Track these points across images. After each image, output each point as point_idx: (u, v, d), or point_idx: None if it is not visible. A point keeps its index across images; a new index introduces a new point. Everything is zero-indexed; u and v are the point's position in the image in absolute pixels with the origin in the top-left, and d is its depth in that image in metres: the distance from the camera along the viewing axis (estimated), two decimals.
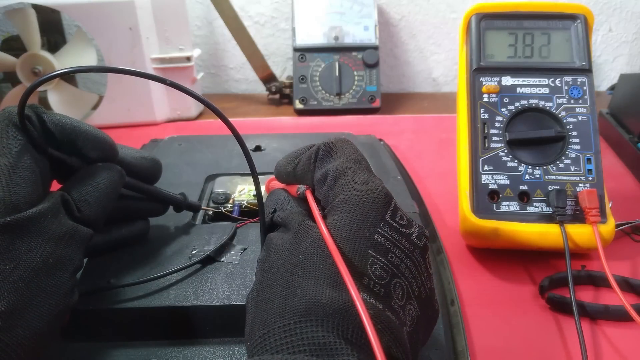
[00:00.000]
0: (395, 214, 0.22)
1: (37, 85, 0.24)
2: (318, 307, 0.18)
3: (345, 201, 0.22)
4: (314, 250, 0.21)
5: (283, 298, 0.19)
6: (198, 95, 0.25)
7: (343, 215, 0.22)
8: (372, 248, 0.21)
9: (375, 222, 0.21)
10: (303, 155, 0.26)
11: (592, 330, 0.33)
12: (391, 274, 0.21)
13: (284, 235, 0.23)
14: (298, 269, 0.20)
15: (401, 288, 0.21)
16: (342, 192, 0.22)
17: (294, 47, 0.77)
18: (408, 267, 0.22)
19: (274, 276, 0.21)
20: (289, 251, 0.22)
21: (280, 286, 0.20)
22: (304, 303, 0.19)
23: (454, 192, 0.42)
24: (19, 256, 0.22)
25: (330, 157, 0.25)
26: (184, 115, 0.75)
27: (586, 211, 0.37)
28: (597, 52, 0.91)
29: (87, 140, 0.27)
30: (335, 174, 0.23)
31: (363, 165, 0.24)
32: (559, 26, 0.43)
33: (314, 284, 0.19)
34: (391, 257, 0.21)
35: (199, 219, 0.38)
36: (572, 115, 0.40)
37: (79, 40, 0.70)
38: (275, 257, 0.22)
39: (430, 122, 0.72)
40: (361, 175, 0.23)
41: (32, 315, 0.22)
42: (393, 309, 0.20)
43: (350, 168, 0.23)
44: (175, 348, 0.28)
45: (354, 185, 0.22)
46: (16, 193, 0.23)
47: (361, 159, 0.24)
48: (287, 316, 0.19)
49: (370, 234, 0.21)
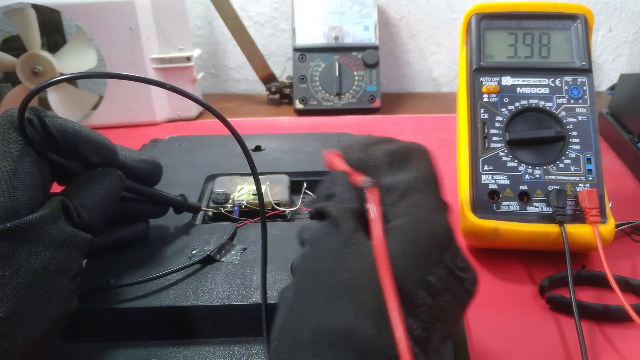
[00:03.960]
0: (455, 255, 0.21)
1: (39, 90, 0.24)
2: (355, 340, 0.18)
3: (405, 227, 0.21)
4: (363, 275, 0.20)
5: (320, 314, 0.19)
6: (199, 99, 0.25)
7: (400, 245, 0.20)
8: (424, 289, 0.19)
9: (432, 261, 0.20)
10: (379, 147, 0.24)
11: (592, 331, 0.33)
12: (436, 319, 0.20)
13: (333, 238, 0.22)
14: (343, 289, 0.19)
15: (441, 332, 0.20)
16: (405, 216, 0.21)
17: (294, 47, 0.77)
18: (454, 312, 0.20)
19: (315, 286, 0.20)
20: (336, 262, 0.21)
21: (319, 300, 0.19)
22: (341, 330, 0.18)
23: (454, 192, 0.42)
24: (19, 262, 0.22)
25: (404, 166, 0.23)
26: (184, 115, 0.75)
27: (586, 211, 0.37)
28: (597, 52, 0.91)
29: (88, 145, 0.27)
30: (403, 192, 0.22)
31: (434, 190, 0.22)
32: (559, 26, 0.43)
33: (357, 312, 0.19)
34: (440, 301, 0.20)
35: (199, 219, 0.38)
36: (572, 115, 0.40)
37: (79, 40, 0.70)
38: (321, 262, 0.21)
39: (430, 122, 0.72)
40: (429, 202, 0.21)
41: (31, 321, 0.22)
42: (427, 353, 0.19)
43: (420, 190, 0.22)
44: (175, 348, 0.28)
45: (418, 212, 0.21)
46: (16, 198, 0.23)
47: (434, 181, 0.23)
48: (320, 336, 0.18)
49: (425, 273, 0.20)
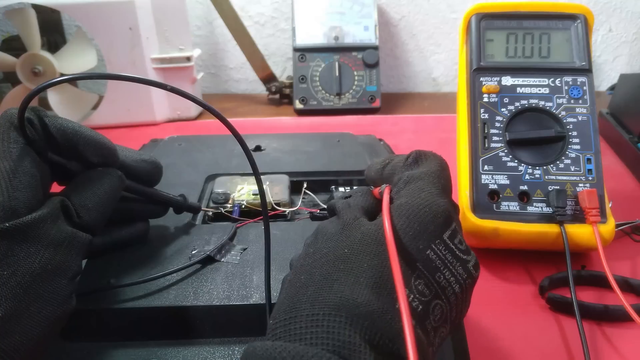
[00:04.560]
0: (454, 235, 0.22)
1: (40, 90, 0.24)
2: (351, 306, 0.18)
3: (406, 205, 0.22)
4: (362, 247, 0.21)
5: (318, 287, 0.19)
6: (199, 100, 0.25)
7: (400, 219, 0.21)
8: (422, 262, 0.20)
9: (431, 237, 0.21)
10: (396, 158, 0.26)
11: (591, 330, 0.33)
12: (434, 294, 0.20)
13: (335, 225, 0.23)
14: (340, 262, 0.20)
15: (440, 310, 0.20)
16: (407, 196, 0.22)
17: (294, 47, 0.77)
18: (455, 292, 0.21)
19: (316, 262, 0.21)
20: (336, 241, 0.22)
21: (319, 274, 0.20)
22: (338, 297, 0.18)
23: (454, 192, 0.42)
24: (18, 262, 0.22)
25: (416, 164, 0.25)
26: (184, 115, 0.75)
27: (586, 211, 0.37)
28: (597, 52, 0.91)
29: (88, 145, 0.27)
30: (409, 179, 0.23)
31: (439, 182, 0.23)
32: (559, 26, 0.43)
33: (353, 281, 0.19)
34: (439, 277, 0.20)
35: (199, 219, 0.38)
36: (572, 115, 0.40)
37: (79, 40, 0.70)
38: (322, 244, 0.22)
39: (430, 122, 0.72)
40: (432, 188, 0.23)
41: (30, 321, 0.22)
42: (425, 329, 0.20)
43: (424, 178, 0.23)
44: (175, 348, 0.28)
45: (420, 194, 0.22)
46: (16, 198, 0.23)
47: (441, 176, 0.24)
48: (317, 306, 0.18)
49: (424, 247, 0.20)
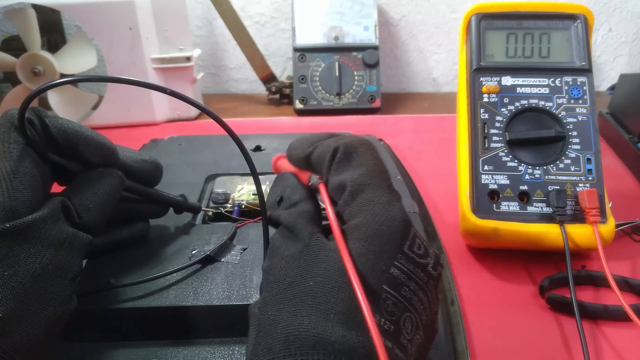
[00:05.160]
0: (413, 243, 0.21)
1: (40, 91, 0.24)
2: (326, 344, 0.18)
3: (362, 226, 0.21)
4: (327, 280, 0.20)
5: (288, 324, 0.19)
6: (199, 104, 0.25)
7: (360, 243, 0.20)
8: (387, 283, 0.20)
9: (392, 254, 0.20)
10: (321, 143, 0.24)
11: (591, 330, 0.33)
12: (402, 309, 0.20)
13: (292, 245, 0.22)
14: (307, 297, 0.19)
15: (410, 322, 0.20)
16: (360, 213, 0.21)
17: (294, 47, 0.77)
18: (420, 299, 0.21)
19: (281, 296, 0.20)
20: (298, 270, 0.21)
21: (287, 310, 0.19)
22: (312, 337, 0.18)
23: (454, 192, 0.42)
24: (18, 262, 0.22)
25: (350, 162, 0.23)
26: (184, 115, 0.75)
27: (586, 211, 0.37)
28: (597, 52, 0.91)
29: (88, 146, 0.27)
30: (354, 189, 0.22)
31: (384, 181, 0.22)
32: (559, 26, 0.43)
33: (324, 318, 0.19)
34: (404, 291, 0.20)
35: (199, 219, 0.38)
36: (572, 115, 0.40)
37: (79, 40, 0.70)
38: (283, 272, 0.21)
39: (430, 122, 0.72)
40: (382, 195, 0.22)
41: (31, 321, 0.22)
42: (401, 345, 0.20)
43: (370, 184, 0.22)
44: (175, 348, 0.28)
45: (372, 208, 0.21)
46: (16, 198, 0.23)
47: (382, 171, 0.23)
48: (291, 347, 0.18)
49: (387, 267, 0.20)
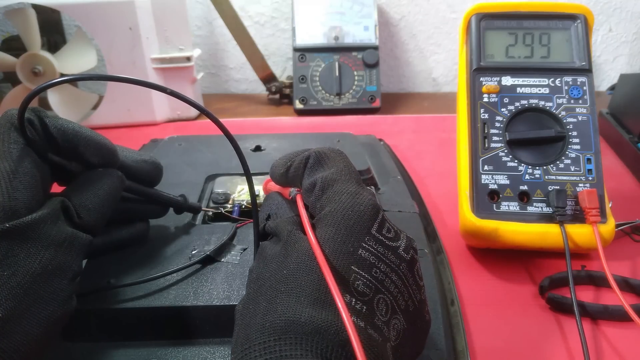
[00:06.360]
0: (382, 226, 0.22)
1: (40, 91, 0.24)
2: (297, 326, 0.18)
3: (330, 214, 0.22)
4: (298, 266, 0.21)
5: (264, 313, 0.19)
6: (196, 104, 0.25)
7: (328, 229, 0.21)
8: (356, 264, 0.20)
9: (359, 236, 0.21)
10: (296, 158, 0.26)
11: (591, 330, 0.33)
12: (375, 290, 0.21)
13: (275, 246, 0.23)
14: (281, 284, 0.20)
15: (385, 303, 0.21)
16: (329, 204, 0.22)
17: (294, 47, 0.77)
18: (393, 281, 0.21)
19: (260, 290, 0.21)
20: (276, 264, 0.22)
21: (264, 301, 0.20)
22: (283, 320, 0.19)
23: (454, 192, 0.42)
24: (18, 262, 0.22)
25: (321, 166, 0.24)
26: (184, 115, 0.75)
27: (586, 211, 0.37)
28: (597, 52, 0.91)
29: (88, 146, 0.27)
30: (324, 185, 0.23)
31: (353, 178, 0.23)
32: (559, 26, 0.43)
33: (295, 301, 0.19)
34: (375, 272, 0.21)
35: (199, 219, 0.38)
36: (572, 115, 0.40)
37: (79, 40, 0.70)
38: (263, 269, 0.22)
39: (430, 122, 0.72)
40: (349, 187, 0.23)
41: (30, 321, 0.22)
42: (375, 326, 0.20)
43: (339, 179, 0.23)
44: (175, 348, 0.28)
45: (340, 198, 0.22)
46: (16, 198, 0.23)
47: (352, 171, 0.24)
48: (266, 333, 0.18)
49: (354, 248, 0.21)
